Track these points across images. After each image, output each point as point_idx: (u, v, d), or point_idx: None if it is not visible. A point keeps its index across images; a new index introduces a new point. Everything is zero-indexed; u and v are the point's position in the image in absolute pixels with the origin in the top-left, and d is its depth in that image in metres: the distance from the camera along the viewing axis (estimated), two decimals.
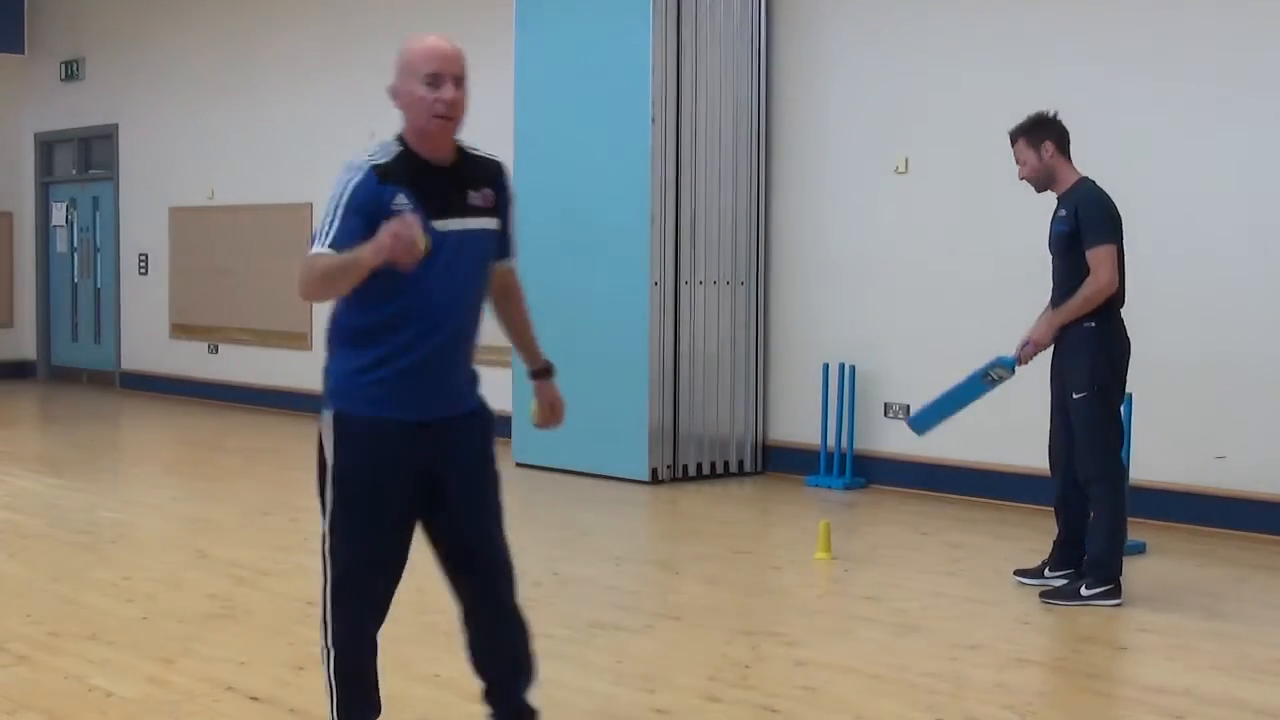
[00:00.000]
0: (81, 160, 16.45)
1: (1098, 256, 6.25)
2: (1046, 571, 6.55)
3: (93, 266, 16.37)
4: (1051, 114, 6.54)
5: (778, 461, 9.96)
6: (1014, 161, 6.55)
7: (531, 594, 6.36)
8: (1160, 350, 8.10)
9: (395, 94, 3.78)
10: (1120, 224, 6.39)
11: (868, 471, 9.45)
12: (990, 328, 7.99)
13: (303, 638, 5.55)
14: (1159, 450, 7.96)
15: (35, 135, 16.78)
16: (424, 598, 6.23)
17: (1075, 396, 6.31)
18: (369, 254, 3.53)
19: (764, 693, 4.92)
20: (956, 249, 9.06)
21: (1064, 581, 6.43)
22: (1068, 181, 6.43)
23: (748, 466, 9.93)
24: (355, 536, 3.79)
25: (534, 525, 8.59)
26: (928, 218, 9.17)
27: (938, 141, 9.17)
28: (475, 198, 3.90)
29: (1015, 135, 6.52)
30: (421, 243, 3.54)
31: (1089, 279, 6.25)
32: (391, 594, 3.95)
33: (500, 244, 4.06)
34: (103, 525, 8.04)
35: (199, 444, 11.96)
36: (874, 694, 4.94)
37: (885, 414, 9.40)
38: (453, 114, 3.75)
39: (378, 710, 4.04)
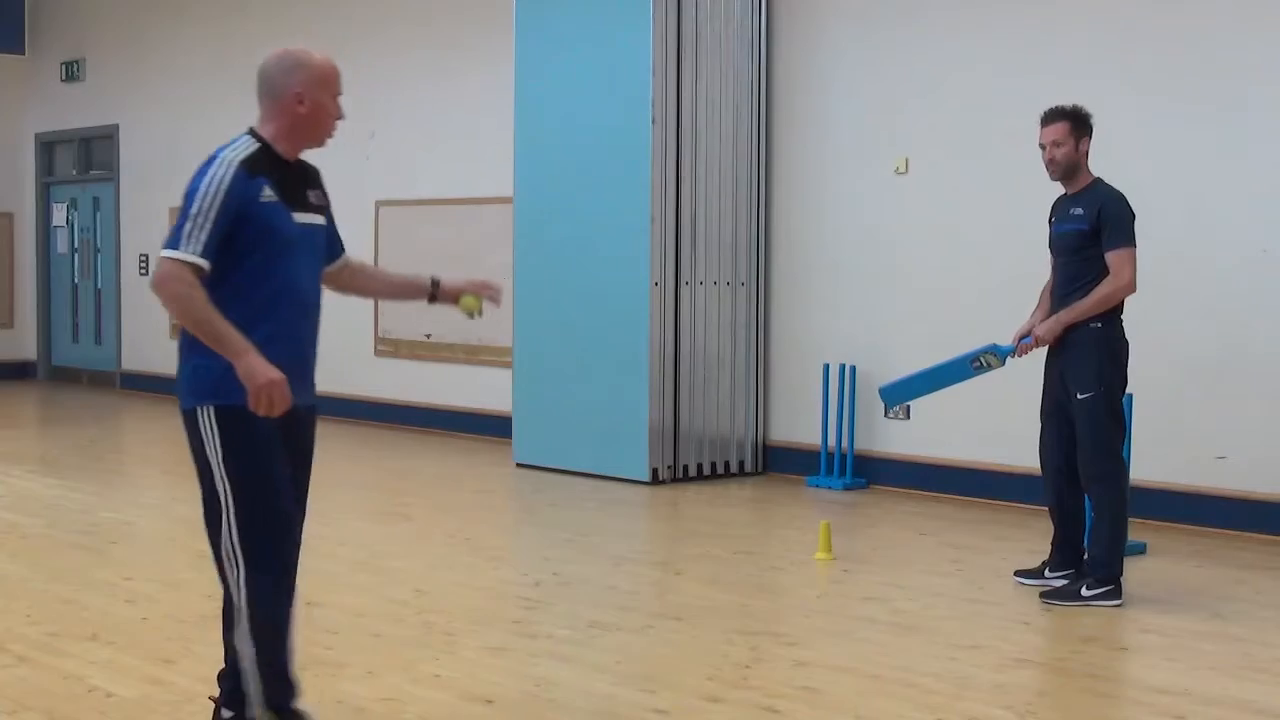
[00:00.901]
0: (82, 160, 16.46)
1: (1120, 258, 6.23)
2: (1047, 572, 6.55)
3: (93, 267, 16.37)
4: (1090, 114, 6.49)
5: (778, 462, 9.96)
6: (1041, 141, 6.41)
7: (531, 594, 6.38)
8: (1160, 350, 8.10)
9: (301, 100, 4.06)
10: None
11: (868, 472, 9.45)
12: (991, 328, 7.99)
13: (303, 638, 5.54)
14: (1159, 450, 7.96)
15: (36, 135, 16.79)
16: (423, 598, 6.24)
17: (1080, 397, 6.30)
18: (242, 369, 3.79)
19: (764, 693, 4.92)
20: (956, 249, 9.06)
21: (1064, 582, 6.43)
22: (1085, 180, 6.41)
23: (748, 467, 9.93)
24: (270, 531, 4.01)
25: (534, 525, 8.60)
26: (928, 218, 9.17)
27: (938, 141, 9.17)
28: (312, 196, 4.20)
29: (1058, 117, 6.39)
30: (281, 409, 3.83)
31: (1109, 279, 6.23)
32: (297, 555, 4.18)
33: (330, 241, 4.32)
34: (103, 526, 8.04)
35: None
36: (874, 694, 4.94)
37: (886, 415, 9.40)
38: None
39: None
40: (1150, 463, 7.90)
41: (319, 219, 4.21)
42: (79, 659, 5.26)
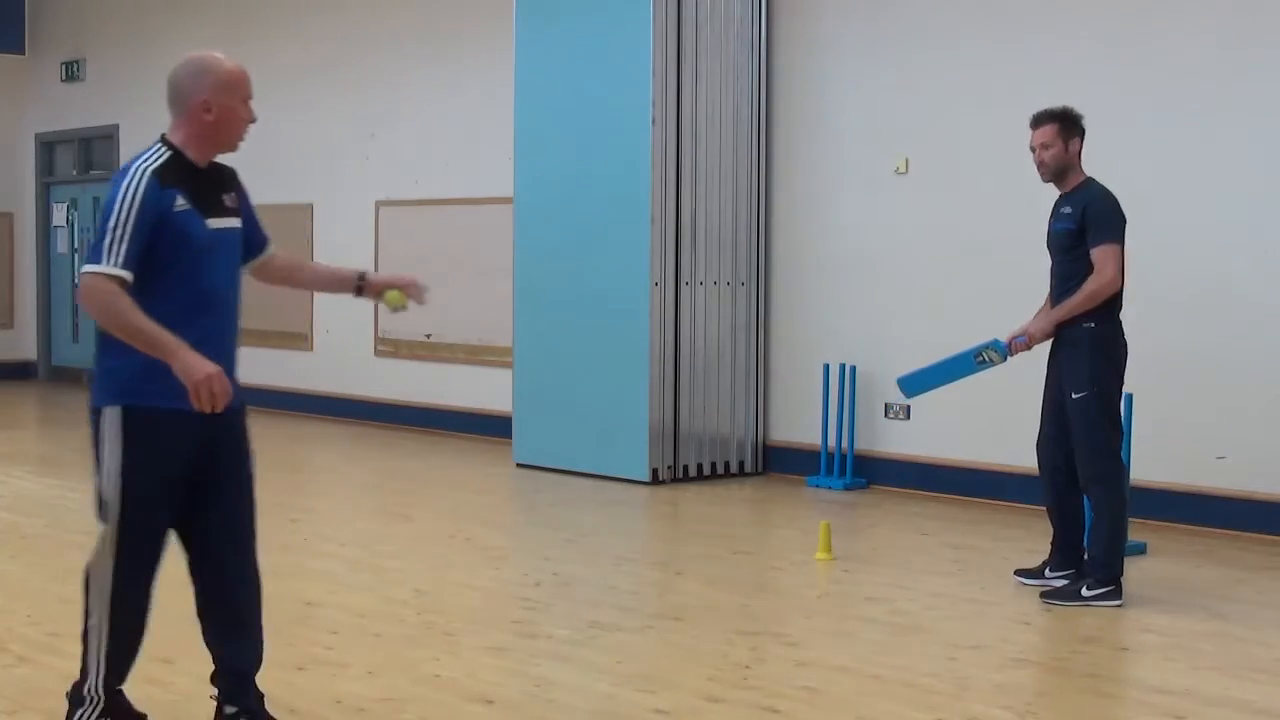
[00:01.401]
0: (82, 161, 16.45)
1: (1104, 254, 6.25)
2: (1047, 572, 6.55)
3: None
4: (1080, 114, 6.51)
5: (778, 462, 9.96)
6: (1031, 144, 6.47)
7: (532, 594, 6.38)
8: (1160, 350, 8.10)
9: (208, 108, 4.10)
10: (1125, 225, 6.39)
11: (868, 472, 9.45)
12: (991, 328, 7.98)
13: (303, 638, 5.55)
14: (1159, 450, 7.96)
15: (36, 136, 16.78)
16: (423, 598, 6.24)
17: (1074, 396, 6.30)
18: (179, 367, 3.87)
19: (764, 693, 4.92)
20: (956, 249, 9.06)
21: (1065, 582, 6.43)
22: (1077, 180, 6.44)
23: (748, 467, 9.93)
24: (145, 535, 4.13)
25: (534, 525, 8.60)
26: (928, 218, 9.17)
27: (938, 141, 9.17)
28: (227, 199, 4.20)
29: (1046, 119, 6.44)
30: (223, 400, 3.90)
31: (1093, 275, 6.25)
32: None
33: (248, 240, 4.31)
34: None
35: None
36: (874, 694, 4.94)
37: (885, 414, 9.40)
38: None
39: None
40: (1150, 463, 7.90)
41: (234, 221, 4.22)
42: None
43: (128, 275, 3.91)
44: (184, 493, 4.17)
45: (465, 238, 11.92)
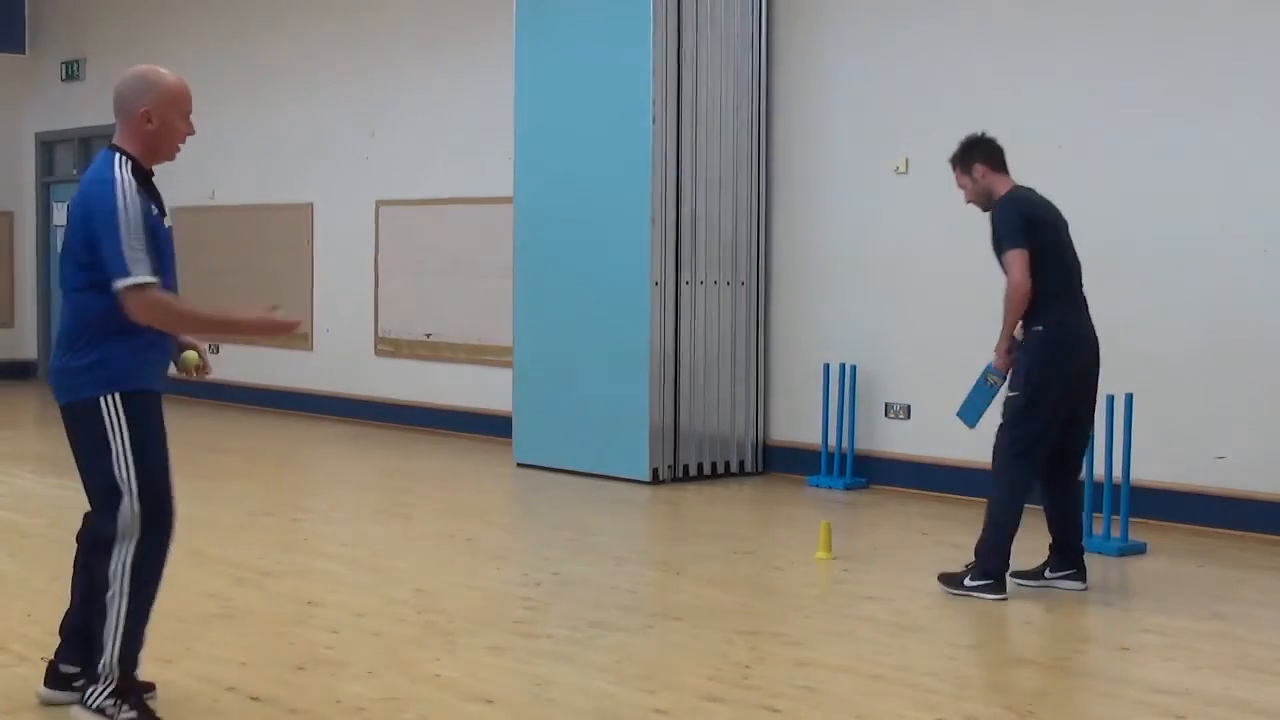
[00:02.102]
0: (82, 160, 16.44)
1: (1008, 260, 6.31)
2: (1047, 573, 6.56)
3: None
4: (980, 134, 6.63)
5: (778, 462, 9.96)
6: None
7: (531, 594, 6.38)
8: (1160, 350, 8.11)
9: (149, 119, 4.37)
10: (1040, 225, 6.37)
11: (868, 472, 9.45)
12: (990, 328, 7.98)
13: (303, 638, 5.56)
14: (1159, 450, 7.96)
15: (36, 135, 16.79)
16: (423, 598, 6.24)
17: (1009, 394, 6.38)
18: (248, 325, 4.60)
19: (764, 693, 4.92)
20: (956, 249, 9.05)
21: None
22: (1000, 195, 6.49)
23: (748, 467, 9.93)
24: (165, 507, 4.43)
25: (534, 525, 8.60)
26: (928, 218, 9.17)
27: (938, 142, 9.14)
28: (162, 203, 4.49)
29: (951, 164, 6.65)
30: (288, 320, 4.52)
31: (1006, 284, 6.31)
32: None
33: None
34: None
35: (197, 444, 11.95)
36: (874, 694, 4.94)
37: (886, 414, 9.40)
38: None
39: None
40: (1150, 463, 7.90)
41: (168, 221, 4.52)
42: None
43: (156, 279, 4.26)
44: None
45: (465, 237, 11.92)
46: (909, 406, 9.27)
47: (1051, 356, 6.30)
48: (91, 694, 4.40)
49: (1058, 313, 6.34)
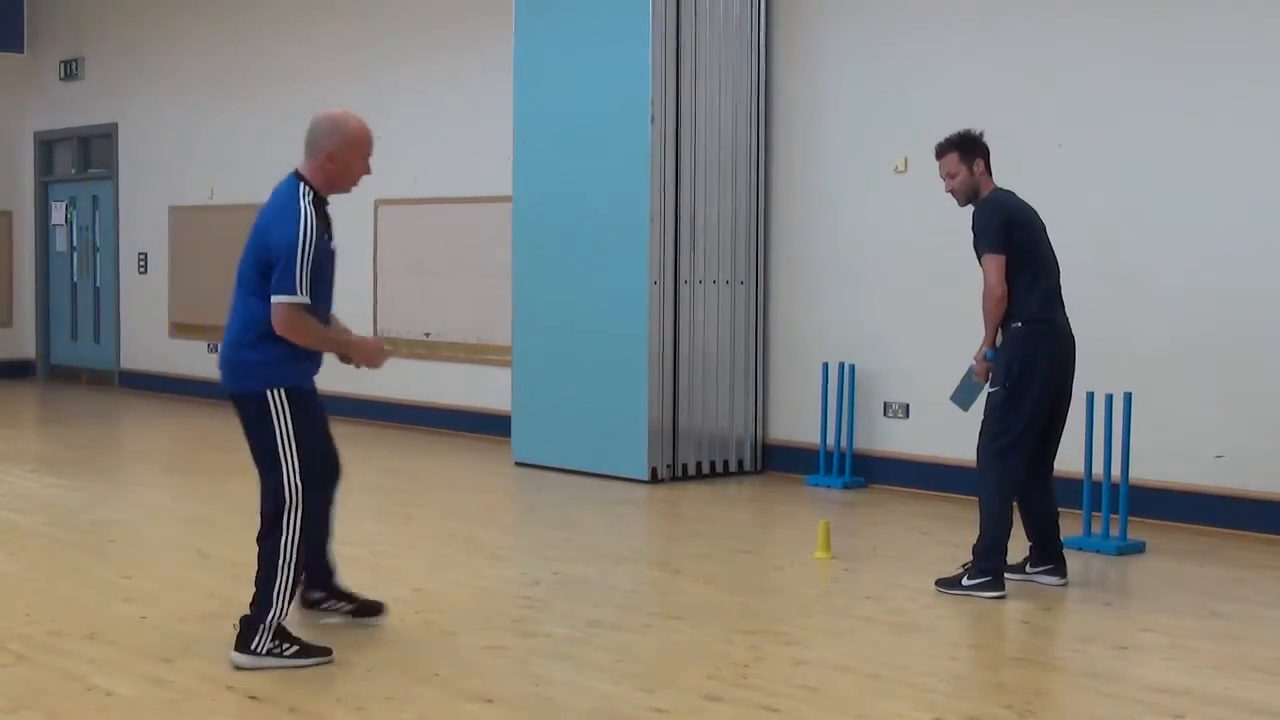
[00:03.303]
0: (81, 159, 16.45)
1: (985, 264, 6.38)
2: (1028, 568, 6.60)
3: (92, 266, 16.36)
4: (979, 133, 6.63)
5: (778, 461, 9.96)
6: (940, 174, 6.66)
7: (531, 593, 6.38)
8: (1159, 349, 8.11)
9: (333, 158, 5.17)
10: (1019, 227, 6.40)
11: (868, 471, 9.45)
12: None
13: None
14: (1158, 450, 7.97)
15: (35, 134, 16.78)
16: (423, 597, 6.24)
17: (989, 390, 6.42)
18: (354, 349, 5.42)
19: (764, 692, 4.92)
20: (955, 248, 9.02)
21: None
22: (984, 194, 6.55)
23: (747, 466, 9.93)
24: (321, 472, 5.34)
25: (534, 525, 8.60)
26: (927, 217, 9.16)
27: (937, 141, 9.14)
28: (330, 225, 5.30)
29: (947, 149, 6.63)
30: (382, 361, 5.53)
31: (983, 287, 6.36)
32: None
33: None
34: (102, 525, 8.04)
35: (199, 443, 11.97)
36: (874, 694, 4.94)
37: (885, 414, 9.40)
38: None
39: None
40: (1150, 462, 7.90)
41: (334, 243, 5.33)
42: (78, 658, 5.26)
43: (307, 299, 5.07)
44: None
45: (464, 236, 11.92)
46: (908, 406, 9.27)
47: (1030, 352, 6.35)
48: (257, 643, 5.08)
49: (1035, 309, 6.38)
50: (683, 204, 9.56)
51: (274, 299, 5.05)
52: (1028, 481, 6.50)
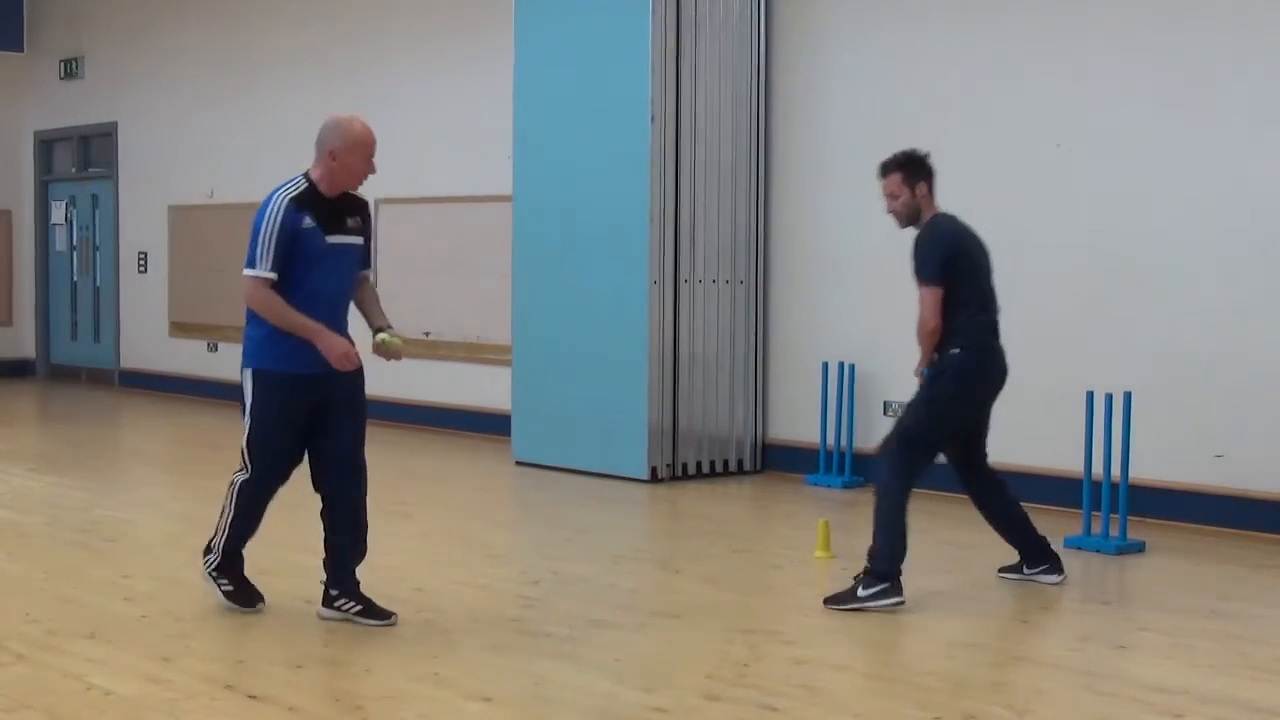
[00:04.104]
0: (81, 158, 16.45)
1: (921, 295, 6.28)
2: (1025, 569, 6.60)
3: (92, 265, 16.37)
4: (924, 154, 6.54)
5: (777, 460, 9.96)
6: (882, 193, 6.55)
7: (531, 592, 6.38)
8: (1160, 350, 8.11)
9: (335, 156, 5.50)
10: (961, 255, 6.35)
11: (867, 470, 9.42)
12: None
13: (302, 636, 5.56)
14: (1159, 450, 7.96)
15: (35, 133, 16.78)
16: (423, 597, 6.24)
17: (915, 397, 6.36)
18: (319, 342, 5.47)
19: (763, 691, 4.92)
20: None
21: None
22: (926, 219, 6.49)
23: (747, 465, 9.93)
24: (272, 452, 5.71)
25: (534, 524, 8.60)
26: None
27: (937, 142, 9.13)
28: (350, 223, 5.65)
29: (890, 168, 6.51)
30: (355, 362, 5.55)
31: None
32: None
33: (364, 256, 5.77)
34: (102, 524, 8.04)
35: (198, 442, 11.97)
36: (873, 693, 4.94)
37: (885, 413, 9.39)
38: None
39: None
40: (1149, 462, 7.90)
41: (353, 239, 5.64)
42: (78, 657, 5.26)
43: (273, 275, 5.42)
44: (308, 424, 5.64)
45: (464, 236, 11.92)
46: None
47: (964, 385, 6.30)
48: (208, 560, 5.85)
49: (974, 337, 6.32)
50: (683, 204, 9.56)
51: (242, 272, 5.48)
52: (981, 495, 6.53)
